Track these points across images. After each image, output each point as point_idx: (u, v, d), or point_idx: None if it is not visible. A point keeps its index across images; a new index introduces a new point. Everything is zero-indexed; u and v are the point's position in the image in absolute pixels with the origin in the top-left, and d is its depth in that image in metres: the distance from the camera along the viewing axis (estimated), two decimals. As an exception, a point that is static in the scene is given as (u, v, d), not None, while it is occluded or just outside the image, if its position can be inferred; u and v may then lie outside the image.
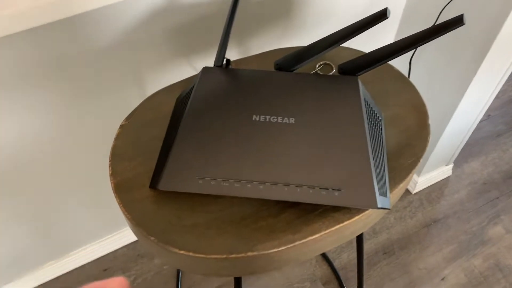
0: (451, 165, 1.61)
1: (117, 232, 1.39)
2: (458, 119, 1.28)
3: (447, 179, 1.63)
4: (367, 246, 1.46)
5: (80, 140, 1.00)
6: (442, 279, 1.38)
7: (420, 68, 1.27)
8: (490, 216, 1.53)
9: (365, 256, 1.42)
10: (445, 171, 1.60)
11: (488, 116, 1.85)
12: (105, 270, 1.38)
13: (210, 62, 0.99)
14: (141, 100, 0.73)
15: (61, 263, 1.35)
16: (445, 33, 0.59)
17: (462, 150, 1.60)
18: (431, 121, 0.68)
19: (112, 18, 0.79)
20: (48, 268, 1.33)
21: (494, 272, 1.39)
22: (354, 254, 1.43)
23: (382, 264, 1.41)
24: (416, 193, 1.60)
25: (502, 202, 1.57)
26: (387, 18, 0.60)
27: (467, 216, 1.53)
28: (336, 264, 1.40)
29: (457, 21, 0.58)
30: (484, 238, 1.47)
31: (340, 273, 1.38)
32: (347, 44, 0.86)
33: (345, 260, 1.42)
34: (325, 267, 1.40)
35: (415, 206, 1.56)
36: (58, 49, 0.78)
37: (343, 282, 1.36)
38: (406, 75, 1.13)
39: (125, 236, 1.41)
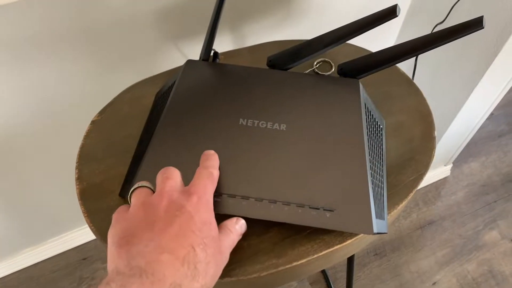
0: (450, 165, 1.56)
1: (99, 221, 1.33)
2: (462, 119, 1.21)
3: (444, 180, 1.58)
4: (358, 246, 1.41)
5: (58, 124, 0.93)
6: (434, 283, 1.34)
7: (425, 65, 1.20)
8: (486, 221, 1.48)
9: (355, 257, 1.37)
10: (444, 171, 1.55)
11: (491, 115, 1.79)
12: (85, 259, 1.33)
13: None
14: (120, 91, 0.66)
15: (39, 250, 1.29)
16: (462, 37, 0.52)
17: (462, 150, 1.55)
18: (434, 118, 0.62)
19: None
20: (25, 255, 1.28)
21: (487, 279, 1.35)
22: (344, 254, 1.38)
23: (373, 266, 1.36)
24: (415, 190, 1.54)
25: (499, 206, 1.52)
26: (397, 16, 0.53)
27: (462, 219, 1.48)
28: (325, 263, 1.36)
29: (476, 24, 0.52)
30: (479, 243, 1.43)
31: (329, 273, 1.33)
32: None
33: (335, 259, 1.37)
34: (313, 266, 1.35)
35: (410, 206, 1.51)
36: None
37: (331, 282, 1.31)
38: (411, 72, 1.07)
39: (107, 224, 1.35)
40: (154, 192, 0.43)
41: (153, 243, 0.36)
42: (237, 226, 0.46)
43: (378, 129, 0.59)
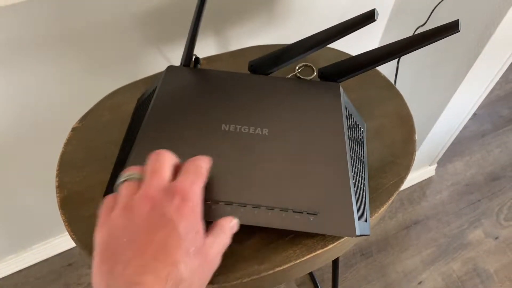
0: (435, 165, 1.57)
1: (84, 226, 1.32)
2: (445, 119, 1.23)
3: (429, 179, 1.60)
4: (344, 247, 1.42)
5: (39, 130, 0.92)
6: (419, 283, 1.35)
7: (407, 66, 1.21)
8: (470, 219, 1.50)
9: (341, 258, 1.38)
10: (428, 171, 1.57)
11: (474, 114, 1.81)
12: (70, 264, 1.31)
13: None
14: (101, 97, 0.65)
15: (23, 257, 1.28)
16: (439, 40, 0.53)
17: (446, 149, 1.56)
18: (418, 119, 0.63)
19: None
20: (9, 262, 1.26)
21: (472, 277, 1.37)
22: (331, 255, 1.39)
23: (359, 266, 1.37)
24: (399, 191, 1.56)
25: (483, 205, 1.54)
26: (375, 21, 0.53)
27: (447, 218, 1.50)
28: (312, 265, 1.36)
29: (452, 27, 0.52)
30: (463, 242, 1.44)
31: (316, 274, 1.34)
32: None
33: (322, 261, 1.38)
34: (300, 268, 1.36)
35: (396, 206, 1.52)
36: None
37: (318, 284, 1.32)
38: (394, 74, 1.08)
39: (92, 230, 1.34)
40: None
41: (133, 263, 0.34)
42: (232, 224, 0.44)
43: (359, 133, 0.60)
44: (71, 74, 0.83)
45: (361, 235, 0.49)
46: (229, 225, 0.44)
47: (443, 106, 1.16)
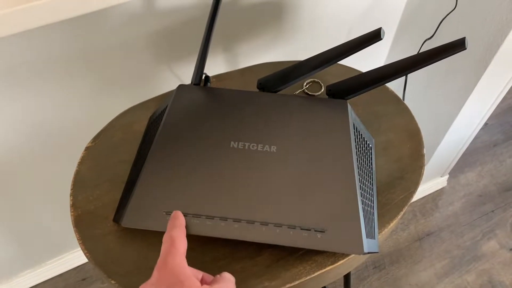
0: (446, 176, 1.56)
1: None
2: (456, 129, 1.22)
3: (441, 190, 1.59)
4: (357, 259, 1.41)
5: (54, 149, 0.94)
6: (433, 295, 1.33)
7: (416, 77, 1.21)
8: (484, 231, 1.48)
9: (354, 270, 1.37)
10: (440, 182, 1.56)
11: (485, 124, 1.80)
12: (84, 279, 1.33)
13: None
14: (113, 116, 0.67)
15: (38, 272, 1.29)
16: (445, 57, 0.53)
17: (458, 160, 1.55)
18: (428, 130, 0.63)
19: (85, 22, 0.72)
20: (24, 277, 1.28)
21: (487, 290, 1.35)
22: (343, 268, 1.38)
23: (372, 279, 1.36)
24: (409, 205, 1.55)
25: (497, 215, 1.52)
26: (381, 39, 0.54)
27: (460, 229, 1.48)
28: (324, 278, 1.36)
29: (459, 45, 0.52)
30: (477, 254, 1.43)
31: (328, 287, 1.33)
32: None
33: (334, 274, 1.37)
34: (312, 281, 1.35)
35: (408, 218, 1.51)
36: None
37: (330, 297, 1.31)
38: (402, 87, 1.08)
39: (106, 244, 1.35)
40: None
41: None
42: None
43: (368, 149, 0.60)
44: (85, 95, 0.85)
45: (369, 253, 0.50)
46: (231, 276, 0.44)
47: (453, 116, 1.15)
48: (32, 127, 0.85)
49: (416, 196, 1.54)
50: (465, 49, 0.52)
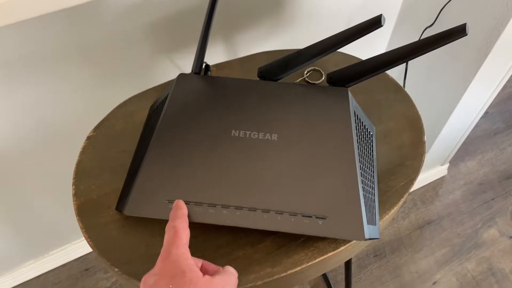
0: (447, 165, 1.57)
1: (99, 231, 1.34)
2: (456, 118, 1.22)
3: (442, 179, 1.59)
4: (357, 248, 1.42)
5: (56, 140, 0.94)
6: (434, 283, 1.34)
7: (417, 66, 1.21)
8: (484, 219, 1.49)
9: (355, 259, 1.38)
10: (441, 170, 1.56)
11: (485, 113, 1.80)
12: (87, 269, 1.34)
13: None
14: (114, 106, 0.67)
15: (41, 262, 1.30)
16: (446, 44, 0.53)
17: (458, 149, 1.55)
18: (428, 119, 0.63)
19: (83, 13, 0.72)
20: (27, 268, 1.29)
21: (487, 277, 1.36)
22: (344, 256, 1.39)
23: (373, 267, 1.37)
24: (409, 193, 1.55)
25: (497, 203, 1.53)
26: (382, 26, 0.54)
27: (461, 218, 1.49)
28: (325, 266, 1.36)
29: (459, 31, 0.52)
30: (478, 241, 1.43)
31: (329, 276, 1.34)
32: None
33: (335, 262, 1.38)
34: (314, 270, 1.36)
35: (408, 206, 1.52)
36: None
37: (332, 285, 1.32)
38: (402, 75, 1.08)
39: (108, 235, 1.36)
40: None
41: None
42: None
43: (368, 136, 0.60)
44: (85, 85, 0.85)
45: (370, 239, 0.50)
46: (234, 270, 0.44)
47: (454, 105, 1.15)
48: (32, 117, 0.85)
49: (417, 185, 1.54)
50: (466, 35, 0.52)
